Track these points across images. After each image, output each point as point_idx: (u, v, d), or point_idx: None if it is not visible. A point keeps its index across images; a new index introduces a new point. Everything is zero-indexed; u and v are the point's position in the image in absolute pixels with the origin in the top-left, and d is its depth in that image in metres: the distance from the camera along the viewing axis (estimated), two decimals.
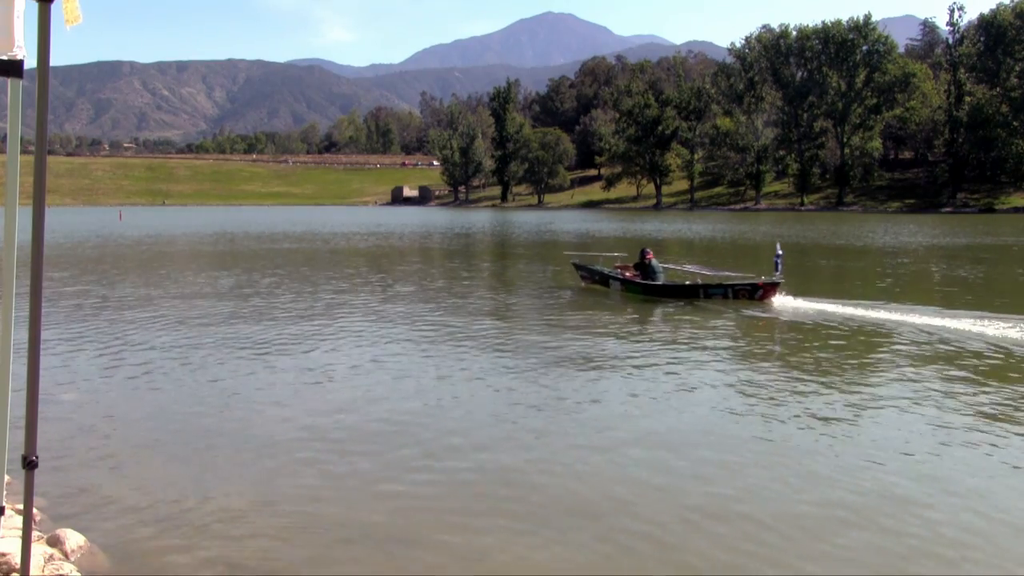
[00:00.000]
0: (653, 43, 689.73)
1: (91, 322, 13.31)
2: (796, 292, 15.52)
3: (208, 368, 9.76)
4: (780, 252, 15.21)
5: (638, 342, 11.50)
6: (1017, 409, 7.73)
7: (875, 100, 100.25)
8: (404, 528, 5.13)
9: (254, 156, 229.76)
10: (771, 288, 14.71)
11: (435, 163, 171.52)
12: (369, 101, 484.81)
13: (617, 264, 17.74)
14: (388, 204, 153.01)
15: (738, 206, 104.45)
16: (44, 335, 7.05)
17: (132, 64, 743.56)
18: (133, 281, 20.38)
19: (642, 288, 15.95)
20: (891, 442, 6.74)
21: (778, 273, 14.86)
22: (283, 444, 6.85)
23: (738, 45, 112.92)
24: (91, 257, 29.04)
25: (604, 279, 17.25)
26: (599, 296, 16.69)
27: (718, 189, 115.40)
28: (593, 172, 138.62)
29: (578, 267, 18.75)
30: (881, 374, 9.33)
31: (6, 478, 3.41)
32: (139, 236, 43.53)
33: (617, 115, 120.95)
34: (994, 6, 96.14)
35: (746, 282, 15.19)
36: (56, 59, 3.28)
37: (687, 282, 15.98)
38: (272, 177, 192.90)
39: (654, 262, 16.31)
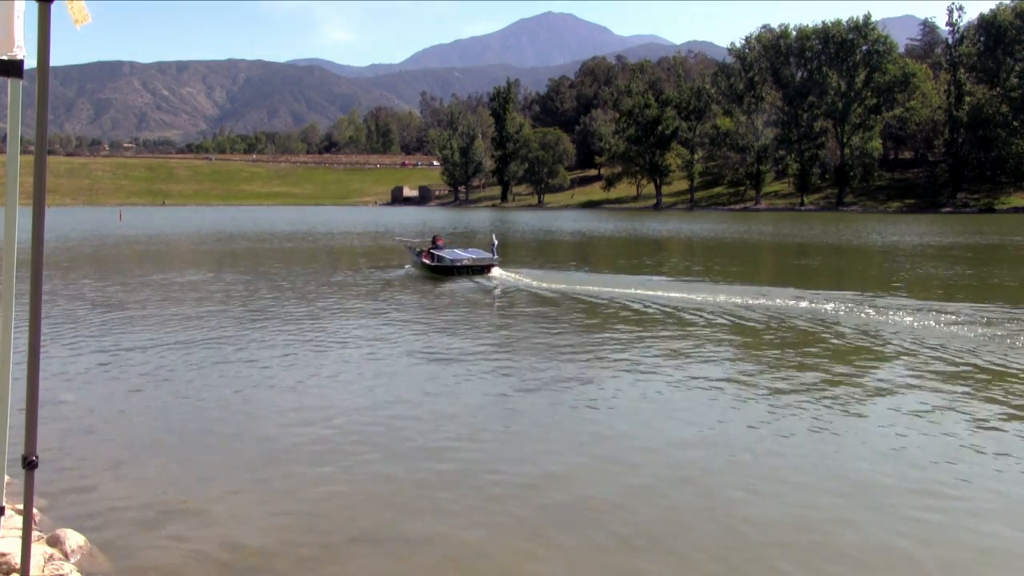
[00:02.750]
0: (653, 43, 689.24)
1: (91, 322, 13.31)
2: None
3: (208, 368, 9.77)
4: (495, 242, 22.21)
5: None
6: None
7: (875, 100, 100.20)
8: (404, 528, 5.14)
9: (254, 156, 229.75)
10: (489, 267, 20.96)
11: (435, 163, 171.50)
12: (369, 101, 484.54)
13: (422, 248, 22.98)
14: (388, 204, 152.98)
15: (738, 206, 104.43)
16: (44, 335, 7.05)
17: (132, 64, 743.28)
18: (133, 281, 20.39)
19: (427, 268, 21.42)
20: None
21: (495, 256, 21.28)
22: (283, 444, 6.86)
23: (738, 45, 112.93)
24: (91, 257, 29.05)
25: (415, 257, 22.97)
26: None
27: (718, 189, 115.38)
28: (593, 172, 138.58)
29: (407, 247, 25.06)
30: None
31: (6, 478, 3.41)
32: (139, 236, 43.53)
33: (617, 115, 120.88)
34: (994, 6, 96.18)
35: (477, 264, 21.01)
36: (56, 59, 3.28)
37: (447, 264, 21.07)
38: (272, 177, 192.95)
39: (438, 248, 22.07)
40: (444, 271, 20.84)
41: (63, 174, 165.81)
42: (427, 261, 21.51)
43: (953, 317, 13.10)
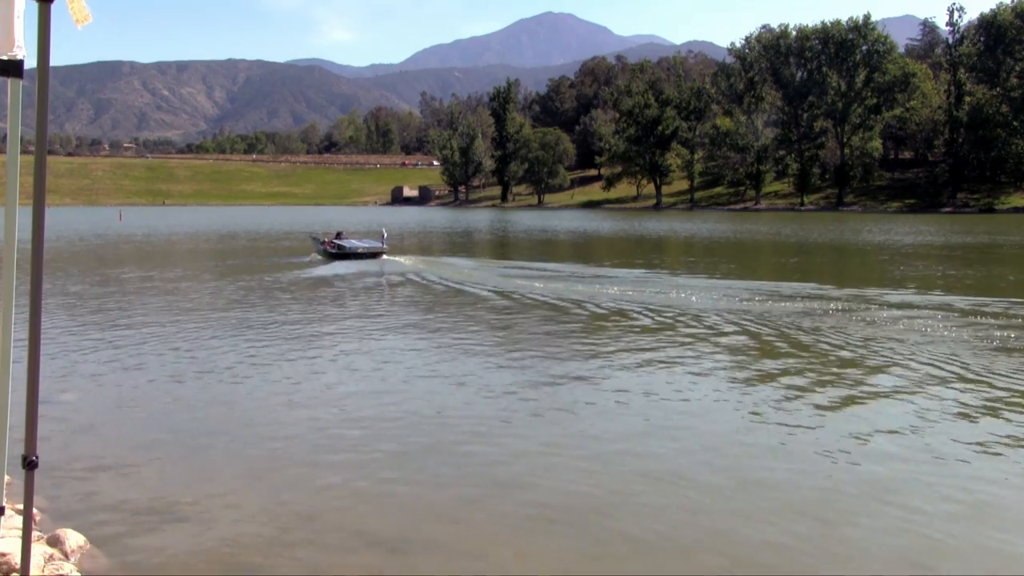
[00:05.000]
0: (653, 43, 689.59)
1: (91, 322, 13.31)
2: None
3: (208, 368, 9.77)
4: (385, 235, 27.41)
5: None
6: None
7: (875, 100, 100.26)
8: (404, 528, 5.14)
9: (254, 156, 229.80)
10: (379, 253, 25.89)
11: (435, 163, 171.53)
12: (369, 101, 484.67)
13: (326, 238, 27.55)
14: (388, 204, 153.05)
15: (738, 206, 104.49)
16: (44, 335, 7.04)
17: (132, 64, 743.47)
18: (133, 280, 20.39)
19: (330, 254, 26.08)
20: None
21: (384, 245, 26.31)
22: (283, 444, 6.86)
23: (738, 45, 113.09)
24: (92, 257, 29.05)
25: (319, 247, 27.52)
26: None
27: (718, 189, 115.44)
28: (593, 172, 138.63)
29: (312, 238, 29.77)
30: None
31: (6, 478, 3.41)
32: (140, 236, 43.52)
33: (617, 115, 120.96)
34: (994, 6, 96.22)
35: (369, 251, 26.00)
36: (56, 59, 3.28)
37: (346, 250, 25.88)
38: (272, 177, 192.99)
39: (341, 238, 27.24)
40: (342, 256, 25.72)
41: (63, 174, 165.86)
42: (329, 249, 26.34)
43: (942, 312, 13.13)
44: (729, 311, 14.15)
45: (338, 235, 27.98)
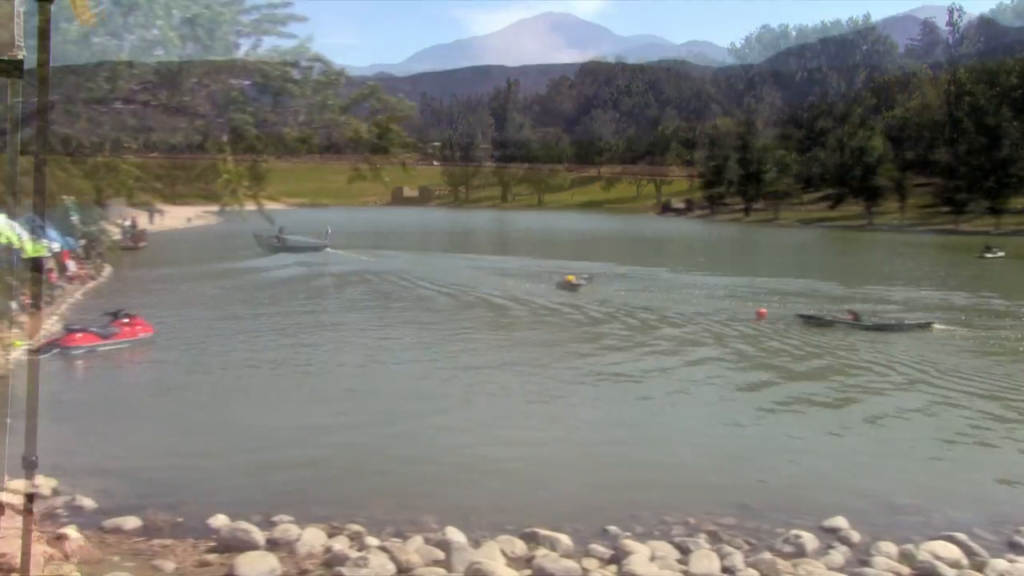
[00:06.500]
0: (653, 43, 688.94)
1: (91, 321, 13.29)
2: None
3: (207, 366, 9.77)
4: (329, 231, 30.76)
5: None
6: None
7: (875, 100, 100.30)
8: (403, 522, 5.14)
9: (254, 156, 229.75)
10: (322, 247, 29.00)
11: (435, 163, 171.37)
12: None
13: (273, 235, 29.39)
14: (388, 204, 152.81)
15: (738, 205, 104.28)
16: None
17: None
18: (132, 278, 20.36)
19: (273, 249, 28.60)
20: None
21: (328, 240, 29.86)
22: (283, 443, 6.86)
23: (738, 45, 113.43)
24: None
25: (263, 242, 29.85)
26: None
27: (718, 189, 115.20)
28: (593, 172, 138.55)
29: (255, 235, 30.89)
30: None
31: (6, 478, 3.41)
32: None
33: (617, 115, 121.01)
34: (994, 6, 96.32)
35: (312, 246, 28.82)
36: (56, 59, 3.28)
37: (289, 245, 28.50)
38: (272, 177, 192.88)
39: (285, 234, 29.63)
40: (287, 250, 28.71)
41: None
42: (273, 243, 29.03)
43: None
44: (711, 308, 14.16)
45: (280, 230, 29.87)
